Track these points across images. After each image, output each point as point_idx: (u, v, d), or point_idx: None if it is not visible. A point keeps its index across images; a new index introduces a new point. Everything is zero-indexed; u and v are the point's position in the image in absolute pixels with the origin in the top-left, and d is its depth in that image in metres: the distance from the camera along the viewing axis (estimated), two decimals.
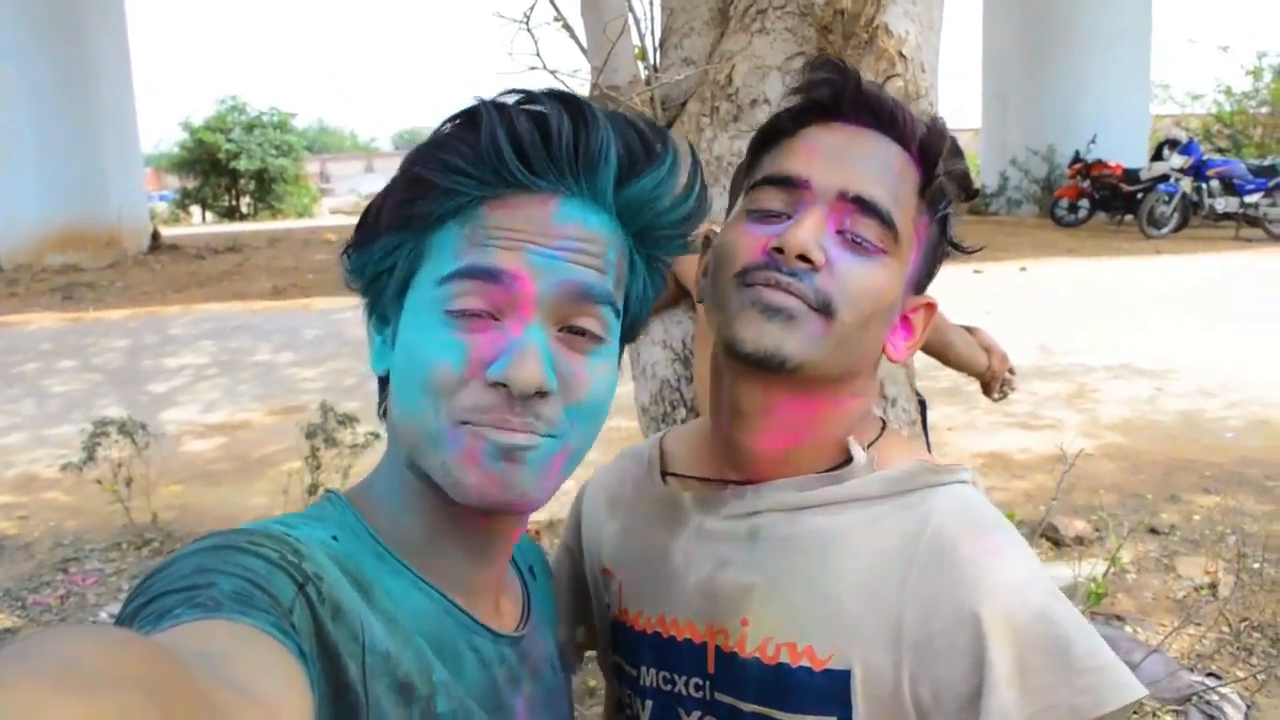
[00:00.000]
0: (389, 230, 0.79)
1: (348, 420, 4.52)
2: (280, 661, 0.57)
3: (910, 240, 0.93)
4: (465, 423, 0.74)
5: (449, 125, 0.78)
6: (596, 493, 1.15)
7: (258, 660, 0.55)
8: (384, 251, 0.80)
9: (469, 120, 0.77)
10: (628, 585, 1.05)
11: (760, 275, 0.88)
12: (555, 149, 0.76)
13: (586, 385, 0.78)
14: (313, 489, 4.32)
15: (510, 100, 0.77)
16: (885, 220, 0.90)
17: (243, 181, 27.55)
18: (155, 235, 17.09)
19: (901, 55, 2.39)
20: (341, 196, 32.80)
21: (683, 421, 2.49)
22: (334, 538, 0.78)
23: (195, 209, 28.51)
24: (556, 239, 0.76)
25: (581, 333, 0.78)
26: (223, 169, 26.84)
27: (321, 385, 7.42)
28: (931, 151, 0.94)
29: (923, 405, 2.85)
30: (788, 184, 0.91)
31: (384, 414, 0.85)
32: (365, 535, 0.81)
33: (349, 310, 10.90)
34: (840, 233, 0.90)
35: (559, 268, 0.76)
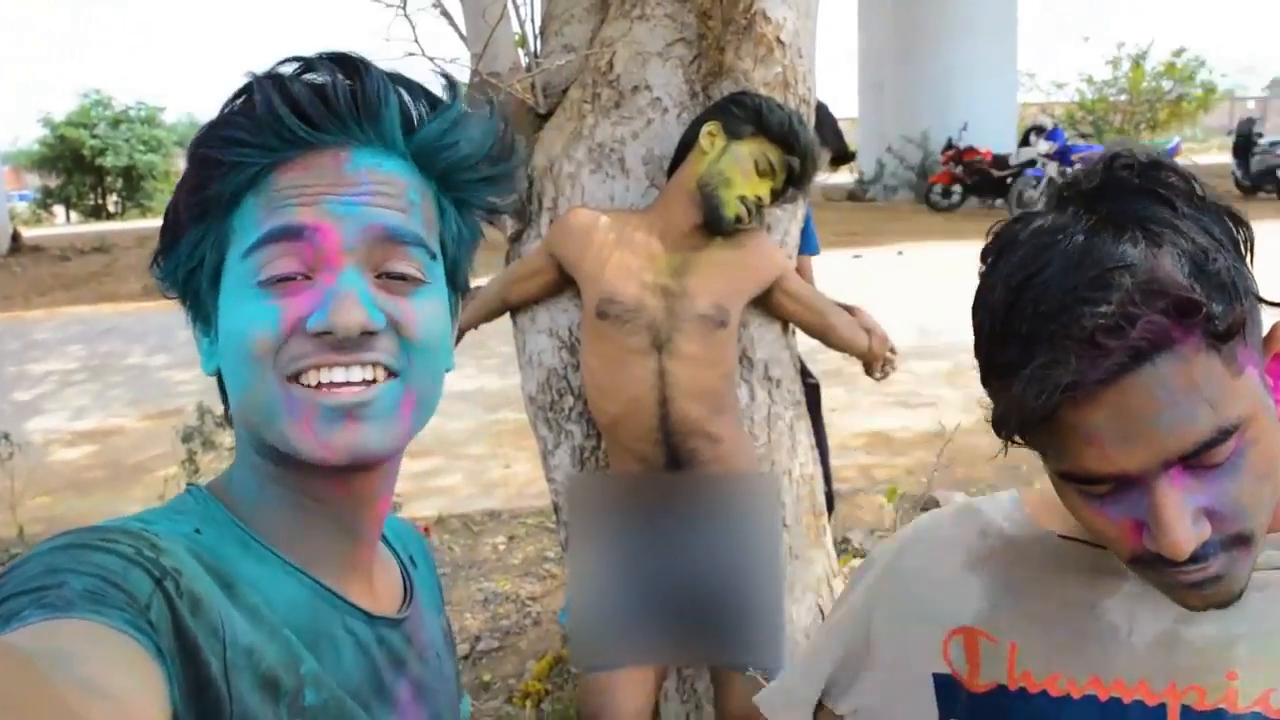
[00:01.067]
0: (190, 224, 0.76)
1: (226, 423, 4.39)
2: (134, 659, 0.55)
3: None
4: (292, 378, 0.72)
5: (226, 103, 0.76)
6: (933, 545, 1.01)
7: (109, 658, 0.53)
8: (190, 247, 0.77)
9: (244, 92, 0.75)
10: (1026, 648, 0.92)
11: (1171, 573, 0.79)
12: (334, 102, 0.74)
13: (416, 320, 0.76)
14: None
15: (286, 70, 0.76)
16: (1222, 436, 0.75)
17: (109, 179, 26.55)
18: (15, 236, 16.38)
19: (779, 41, 2.43)
20: None
21: (570, 410, 2.49)
22: (196, 530, 0.75)
23: (59, 209, 27.34)
24: (352, 186, 0.74)
25: (400, 277, 0.76)
26: (88, 166, 25.83)
27: (198, 388, 7.16)
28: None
29: (816, 388, 2.90)
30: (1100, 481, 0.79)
31: (229, 418, 0.83)
32: (229, 525, 0.78)
33: None
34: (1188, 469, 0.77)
35: (361, 213, 0.74)
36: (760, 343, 2.46)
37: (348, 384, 0.73)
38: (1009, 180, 15.59)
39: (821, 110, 2.88)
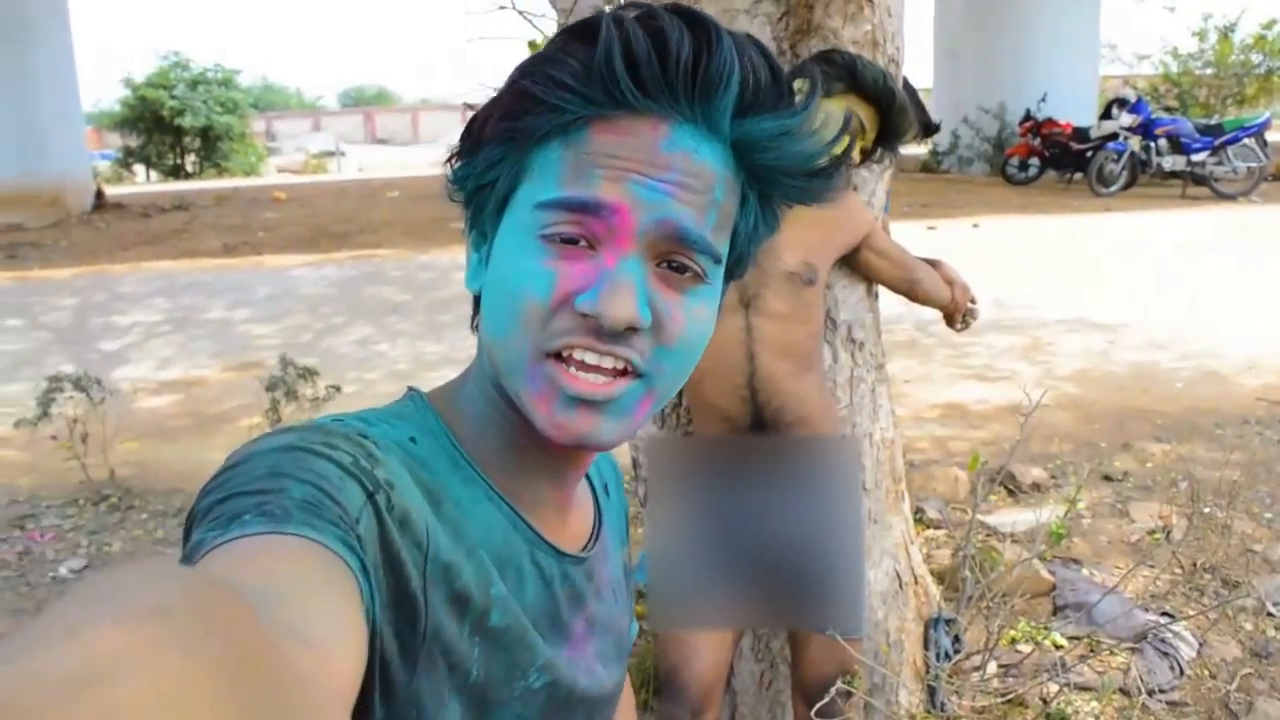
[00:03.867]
0: (492, 143, 0.75)
1: (308, 374, 4.48)
2: (339, 590, 0.57)
3: None
4: (549, 355, 0.72)
5: (562, 37, 0.73)
6: None
7: (318, 594, 0.55)
8: (486, 164, 0.76)
9: (585, 32, 0.72)
10: None
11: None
12: (671, 70, 0.70)
13: (681, 326, 0.74)
14: None
15: (631, 14, 0.71)
16: None
17: (187, 139, 26.97)
18: (99, 194, 16.73)
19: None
20: (288, 155, 32.24)
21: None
22: (412, 439, 0.77)
23: (139, 168, 27.88)
24: (663, 169, 0.71)
25: (682, 270, 0.74)
26: (166, 127, 26.26)
27: (277, 342, 7.32)
28: None
29: None
30: None
31: (475, 328, 0.83)
32: (445, 440, 0.80)
33: (303, 268, 10.79)
34: None
35: (662, 203, 0.71)
36: (844, 304, 2.45)
37: (598, 368, 0.72)
38: (1089, 154, 15.21)
39: (905, 83, 2.85)
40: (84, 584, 0.38)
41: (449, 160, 0.80)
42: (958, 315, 2.50)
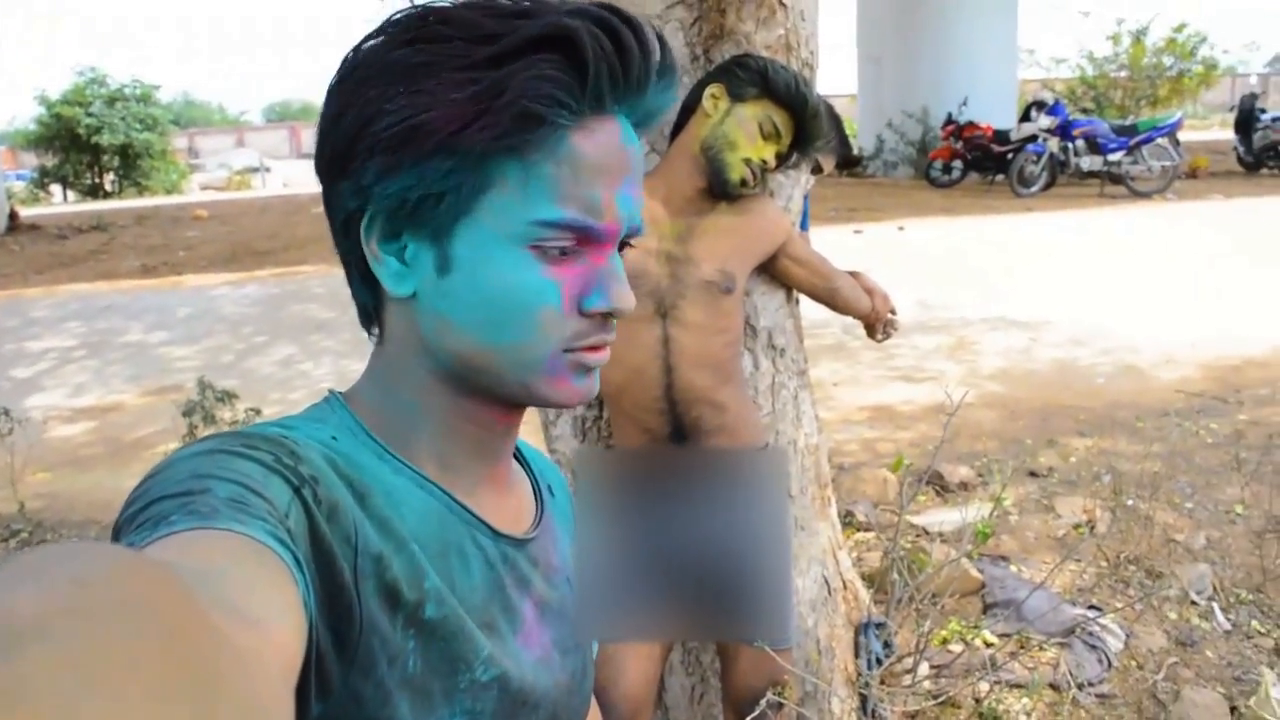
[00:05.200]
0: (444, 153, 0.73)
1: (227, 397, 4.37)
2: (275, 577, 0.56)
3: None
4: (568, 350, 0.78)
5: (535, 49, 0.72)
6: None
7: (253, 577, 0.54)
8: (439, 174, 0.73)
9: (560, 41, 0.72)
10: None
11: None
12: (634, 71, 0.75)
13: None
14: None
15: (582, 20, 0.73)
16: None
17: (106, 158, 26.34)
18: (13, 215, 16.33)
19: (781, 3, 2.39)
20: (212, 172, 31.67)
21: None
22: (333, 438, 0.78)
23: (56, 188, 27.19)
24: (626, 170, 0.77)
25: (621, 249, 0.82)
26: (84, 145, 25.63)
27: (197, 364, 7.16)
28: None
29: None
30: None
31: (373, 330, 0.84)
32: (363, 435, 0.80)
33: (224, 287, 10.58)
34: None
35: (633, 212, 0.79)
36: (764, 311, 2.43)
37: (602, 345, 0.80)
38: (1009, 156, 15.50)
39: (830, 110, 2.85)
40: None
41: (369, 180, 0.75)
42: (878, 324, 2.50)
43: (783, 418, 2.50)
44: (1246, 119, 16.72)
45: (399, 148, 0.73)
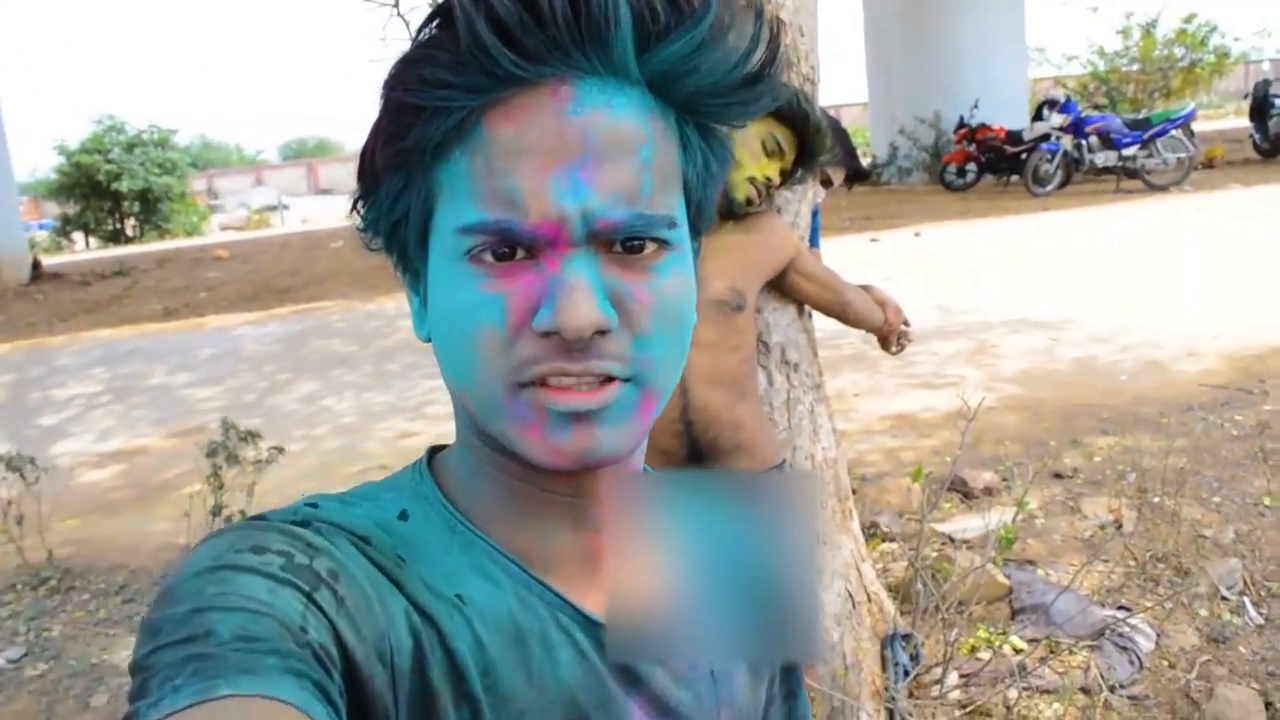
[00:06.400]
0: (388, 173, 0.66)
1: (250, 437, 4.40)
2: None
3: None
4: (524, 384, 0.63)
5: (423, 33, 0.64)
6: None
7: None
8: (390, 198, 0.67)
9: (442, 20, 0.62)
10: None
11: None
12: (550, 24, 0.60)
13: (653, 309, 0.64)
14: (216, 510, 4.19)
15: None
16: None
17: (126, 203, 26.63)
18: (36, 265, 16.49)
19: (780, 20, 2.40)
20: (232, 212, 32.00)
21: None
22: (403, 512, 0.71)
23: (78, 235, 27.52)
24: (577, 146, 0.61)
25: (638, 249, 0.64)
26: (104, 192, 25.92)
27: (221, 404, 7.22)
28: None
29: None
30: None
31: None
32: (439, 504, 0.72)
33: (245, 326, 10.66)
34: None
35: (587, 200, 0.61)
36: (776, 327, 2.44)
37: (576, 390, 0.63)
38: (1023, 156, 15.45)
39: (835, 127, 2.85)
40: None
41: (354, 208, 0.71)
42: (891, 337, 2.50)
43: (799, 433, 2.50)
44: (1261, 106, 16.60)
45: (362, 180, 0.69)
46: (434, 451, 0.78)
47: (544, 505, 0.71)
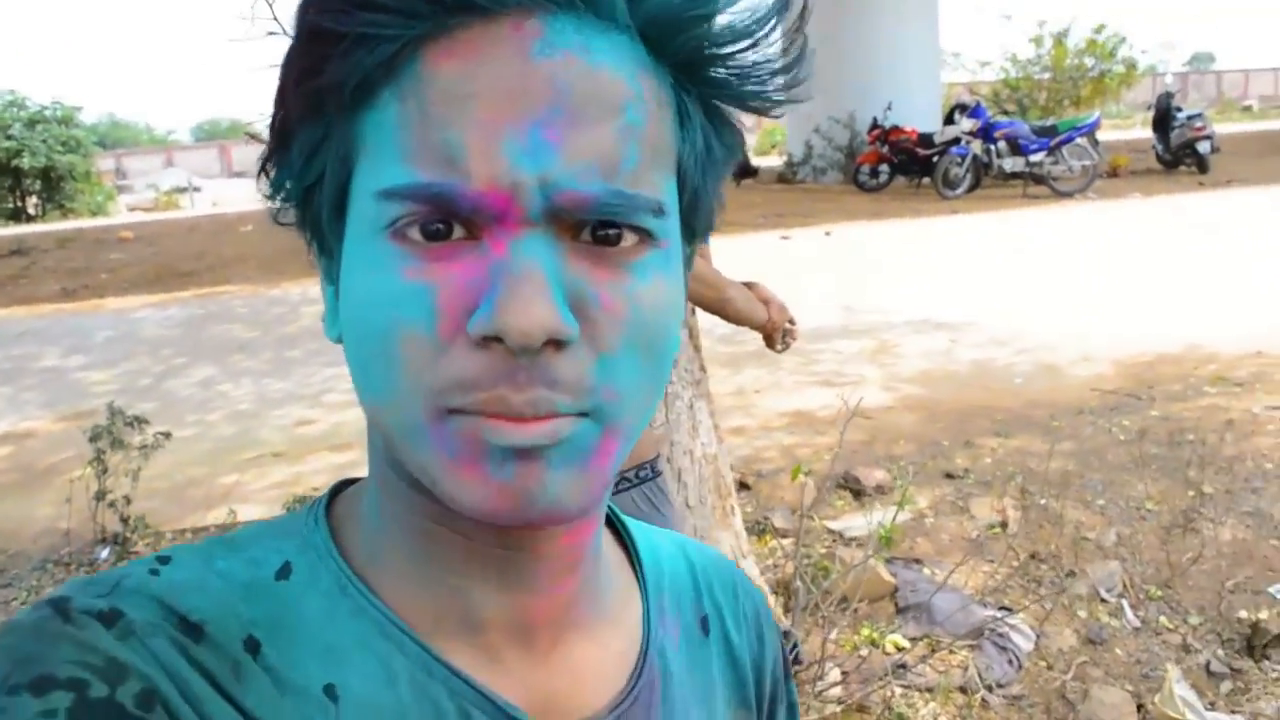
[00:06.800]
0: (302, 122, 0.50)
1: (136, 422, 4.28)
2: None
3: None
4: (454, 411, 0.47)
5: None
6: None
7: None
8: (304, 154, 0.51)
9: None
10: None
11: None
12: None
13: (625, 322, 0.48)
14: (100, 495, 4.08)
15: None
16: None
17: (27, 181, 25.75)
18: None
19: None
20: (139, 193, 31.12)
21: None
22: (285, 566, 0.55)
23: None
24: (541, 96, 0.46)
25: (613, 239, 0.48)
26: (4, 168, 25.04)
27: (114, 388, 7.00)
28: None
29: None
30: None
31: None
32: (329, 558, 0.56)
33: (146, 309, 10.39)
34: None
35: (550, 165, 0.46)
36: None
37: (520, 419, 0.46)
38: (934, 159, 15.73)
39: None
40: None
41: (263, 169, 0.54)
42: (776, 335, 2.49)
43: (678, 428, 2.49)
44: (1163, 117, 17.14)
45: (274, 133, 0.53)
46: (343, 487, 0.62)
47: (468, 557, 0.55)
